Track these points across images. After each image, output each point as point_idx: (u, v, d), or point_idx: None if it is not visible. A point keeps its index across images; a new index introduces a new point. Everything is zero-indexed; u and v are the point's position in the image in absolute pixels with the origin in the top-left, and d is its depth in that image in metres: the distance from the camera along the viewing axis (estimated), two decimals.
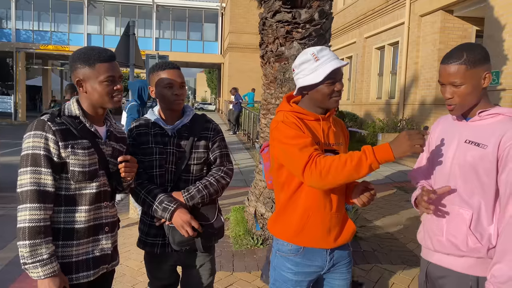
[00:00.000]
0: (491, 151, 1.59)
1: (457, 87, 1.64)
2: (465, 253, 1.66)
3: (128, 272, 3.87)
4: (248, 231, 4.63)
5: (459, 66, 1.62)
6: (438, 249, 1.75)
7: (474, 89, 1.63)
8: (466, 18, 11.24)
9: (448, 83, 1.66)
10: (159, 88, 2.13)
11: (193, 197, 2.10)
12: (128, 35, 6.09)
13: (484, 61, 1.63)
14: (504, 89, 8.52)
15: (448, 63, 1.64)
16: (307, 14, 4.21)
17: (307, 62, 1.78)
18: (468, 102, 1.66)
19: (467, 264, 1.67)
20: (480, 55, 1.62)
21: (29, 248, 1.62)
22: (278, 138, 1.77)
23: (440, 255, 1.75)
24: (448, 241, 1.70)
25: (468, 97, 1.64)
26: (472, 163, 1.63)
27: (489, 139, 1.60)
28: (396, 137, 1.60)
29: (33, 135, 1.69)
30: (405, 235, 5.00)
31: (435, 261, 1.79)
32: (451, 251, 1.69)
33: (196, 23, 31.53)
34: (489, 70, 1.64)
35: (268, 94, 4.57)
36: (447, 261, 1.73)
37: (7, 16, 28.45)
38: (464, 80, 1.62)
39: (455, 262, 1.70)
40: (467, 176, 1.65)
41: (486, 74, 1.63)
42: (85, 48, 1.81)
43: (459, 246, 1.67)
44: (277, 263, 1.92)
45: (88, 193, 1.79)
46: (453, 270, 1.71)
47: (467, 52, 1.62)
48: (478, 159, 1.62)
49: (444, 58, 1.68)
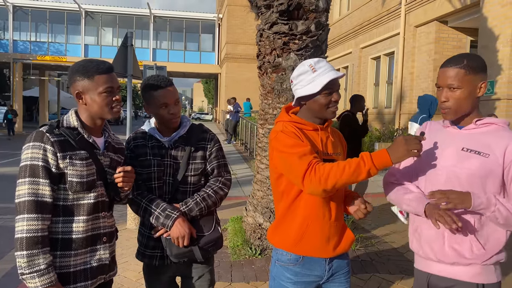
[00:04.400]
0: (495, 159, 1.61)
1: (453, 90, 1.67)
2: (470, 260, 1.65)
3: (126, 283, 3.85)
4: (246, 241, 4.61)
5: (458, 70, 1.65)
6: (441, 258, 1.72)
7: (469, 96, 1.66)
8: (461, 28, 11.39)
9: (445, 86, 1.69)
10: (154, 107, 2.09)
11: (191, 209, 2.10)
12: (126, 46, 6.11)
13: (482, 70, 1.67)
14: (499, 99, 8.60)
15: (448, 66, 1.68)
16: (304, 25, 4.26)
17: (305, 73, 1.81)
18: (462, 108, 1.69)
19: (473, 272, 1.67)
20: (480, 64, 1.67)
21: (27, 258, 1.62)
22: (277, 147, 1.79)
23: (444, 265, 1.73)
24: (451, 249, 1.68)
25: (463, 102, 1.67)
26: (473, 171, 1.64)
27: (490, 148, 1.63)
28: (393, 143, 1.64)
29: (31, 146, 1.70)
30: (402, 244, 5.00)
31: (437, 272, 1.76)
32: (456, 260, 1.68)
33: (193, 34, 31.70)
34: (485, 81, 1.68)
35: (266, 104, 4.60)
36: (452, 271, 1.71)
37: (4, 27, 28.51)
38: (461, 84, 1.65)
39: (461, 271, 1.69)
40: (467, 183, 1.66)
41: (482, 83, 1.67)
42: (83, 60, 1.83)
43: (464, 254, 1.66)
44: (276, 272, 1.92)
45: (86, 204, 1.80)
46: (460, 280, 1.70)
47: (467, 59, 1.66)
48: (478, 167, 1.63)
49: (444, 62, 1.72)
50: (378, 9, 14.37)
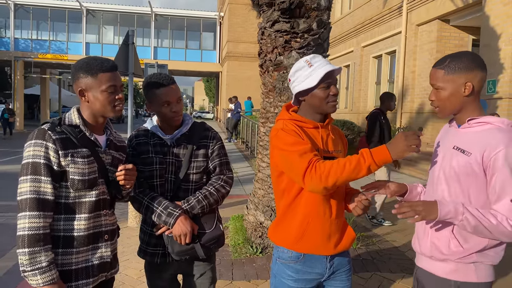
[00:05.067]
0: (474, 159, 1.60)
1: (437, 90, 1.71)
2: (446, 256, 1.67)
3: (127, 280, 3.86)
4: (247, 240, 4.62)
5: (439, 71, 1.68)
6: (423, 251, 1.76)
7: (452, 96, 1.67)
8: (463, 27, 11.36)
9: (432, 86, 1.74)
10: (156, 105, 2.10)
11: (193, 207, 2.10)
12: (128, 44, 6.11)
13: (466, 70, 1.64)
14: (501, 98, 8.58)
15: (434, 67, 1.72)
16: (306, 24, 4.25)
17: (301, 69, 1.83)
18: (448, 107, 1.70)
19: (448, 269, 1.68)
20: (464, 64, 1.64)
21: (29, 255, 1.63)
22: (277, 145, 1.80)
23: (424, 258, 1.78)
24: (431, 244, 1.72)
25: (446, 102, 1.69)
26: (456, 169, 1.65)
27: (473, 147, 1.62)
28: (393, 139, 1.64)
29: (33, 144, 1.70)
30: (404, 243, 5.00)
31: (421, 265, 1.81)
32: (433, 254, 1.71)
33: (195, 32, 31.70)
34: (472, 80, 1.64)
35: (267, 103, 4.60)
36: (429, 265, 1.75)
37: (5, 25, 28.55)
38: (442, 85, 1.68)
39: (437, 266, 1.72)
40: (451, 181, 1.67)
41: (466, 83, 1.64)
42: (87, 58, 1.83)
43: (441, 249, 1.68)
44: (277, 270, 1.92)
45: (87, 201, 1.80)
46: (434, 274, 1.72)
47: (451, 59, 1.67)
48: (462, 166, 1.63)
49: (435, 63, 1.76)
50: (379, 7, 14.34)
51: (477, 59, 1.67)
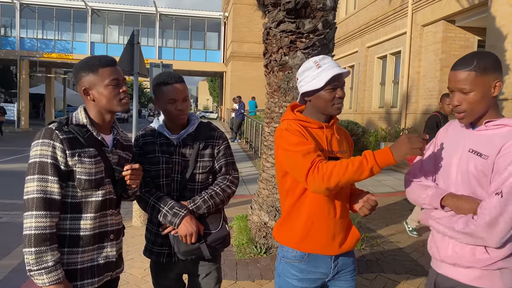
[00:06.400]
0: (492, 162, 1.56)
1: (466, 94, 1.61)
2: (470, 263, 1.63)
3: (132, 280, 3.87)
4: (251, 240, 4.62)
5: (468, 73, 1.59)
6: (444, 259, 1.71)
7: (484, 97, 1.60)
8: (468, 28, 11.30)
9: (457, 90, 1.63)
10: (162, 102, 2.12)
11: (199, 207, 2.10)
12: (133, 43, 6.13)
13: (494, 69, 1.59)
14: (507, 99, 8.53)
15: (458, 69, 1.62)
16: (311, 24, 4.25)
17: (310, 69, 1.83)
18: (477, 110, 1.62)
19: (473, 275, 1.63)
20: (491, 63, 1.59)
21: (35, 255, 1.63)
22: (282, 145, 1.81)
23: (447, 265, 1.72)
24: (453, 252, 1.67)
25: (477, 104, 1.61)
26: (473, 173, 1.61)
27: (491, 150, 1.57)
28: (396, 141, 1.62)
29: (41, 143, 1.71)
30: (408, 244, 4.98)
31: (442, 272, 1.76)
32: (457, 261, 1.66)
33: (199, 32, 31.72)
34: (500, 79, 1.60)
35: (272, 103, 4.60)
36: (453, 272, 1.70)
37: (11, 24, 28.71)
38: (473, 87, 1.59)
39: (460, 272, 1.67)
40: (469, 185, 1.63)
41: (496, 82, 1.59)
42: (86, 57, 1.85)
43: (465, 256, 1.64)
44: (282, 269, 1.93)
45: (94, 201, 1.81)
46: (460, 281, 1.67)
47: (477, 59, 1.59)
48: (480, 170, 1.59)
49: (454, 64, 1.65)
50: (384, 8, 14.30)
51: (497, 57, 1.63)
